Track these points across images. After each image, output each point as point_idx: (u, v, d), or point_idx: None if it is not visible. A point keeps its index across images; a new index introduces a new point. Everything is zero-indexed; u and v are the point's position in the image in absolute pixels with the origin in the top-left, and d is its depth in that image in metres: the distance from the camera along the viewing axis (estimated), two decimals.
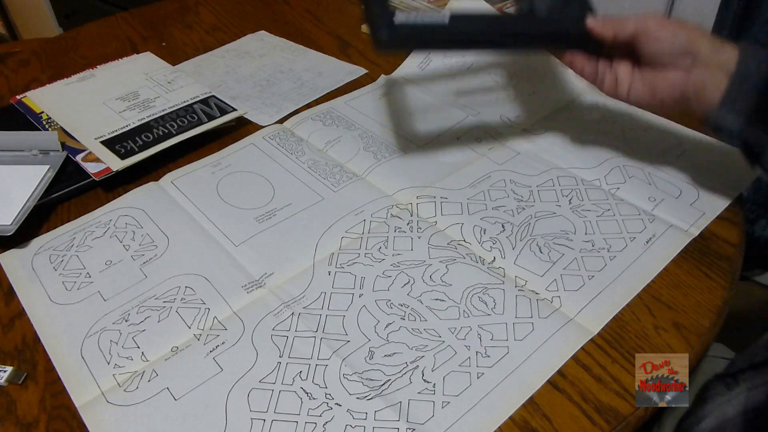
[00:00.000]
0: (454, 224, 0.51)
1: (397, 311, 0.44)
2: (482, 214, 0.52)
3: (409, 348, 0.41)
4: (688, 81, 0.45)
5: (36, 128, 0.64)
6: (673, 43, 0.45)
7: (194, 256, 0.49)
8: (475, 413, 0.37)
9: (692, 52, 0.44)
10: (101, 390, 0.40)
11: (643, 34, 0.46)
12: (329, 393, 0.39)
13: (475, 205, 0.53)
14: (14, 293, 0.47)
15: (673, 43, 0.45)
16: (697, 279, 0.46)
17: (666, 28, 0.45)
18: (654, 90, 0.46)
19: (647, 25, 0.46)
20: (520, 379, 0.39)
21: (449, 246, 0.49)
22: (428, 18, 0.46)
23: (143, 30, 0.89)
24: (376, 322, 0.43)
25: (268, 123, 0.66)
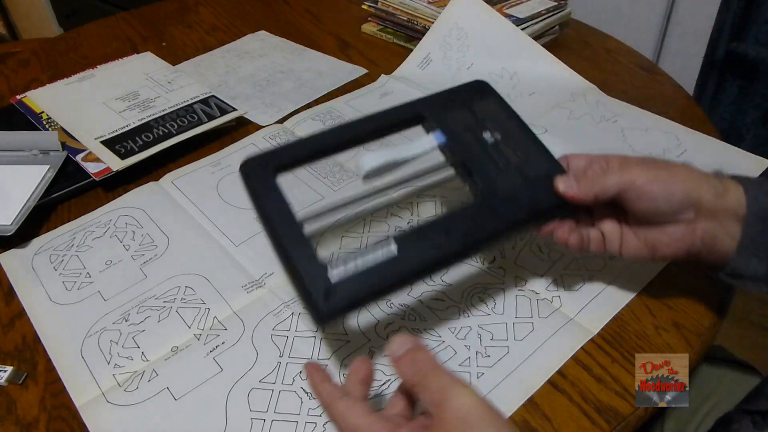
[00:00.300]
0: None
1: (397, 311, 0.44)
2: None
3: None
4: (694, 235, 0.38)
5: (36, 128, 0.64)
6: (669, 200, 0.37)
7: (194, 256, 0.49)
8: None
9: (693, 204, 0.37)
10: (101, 390, 0.40)
11: (631, 191, 0.37)
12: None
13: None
14: (14, 293, 0.47)
15: (669, 199, 0.37)
16: (697, 279, 0.46)
17: (657, 181, 0.37)
18: (653, 248, 0.39)
19: (634, 182, 0.37)
20: (520, 379, 0.39)
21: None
22: (372, 258, 0.35)
23: (143, 30, 0.89)
24: (376, 322, 0.43)
25: (268, 123, 0.66)
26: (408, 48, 0.79)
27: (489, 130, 0.43)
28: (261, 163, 0.39)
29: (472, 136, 0.42)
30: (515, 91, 0.69)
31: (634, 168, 0.38)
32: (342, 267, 0.34)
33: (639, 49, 0.80)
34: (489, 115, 0.44)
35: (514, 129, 0.44)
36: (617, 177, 0.38)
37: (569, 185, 0.39)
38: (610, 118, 0.64)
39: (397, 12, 0.82)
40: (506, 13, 0.77)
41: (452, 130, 0.42)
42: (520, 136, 0.43)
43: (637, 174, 0.37)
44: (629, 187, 0.37)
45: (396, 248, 0.35)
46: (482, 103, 0.44)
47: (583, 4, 0.91)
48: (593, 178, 0.39)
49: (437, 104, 0.44)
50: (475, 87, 0.46)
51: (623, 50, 0.80)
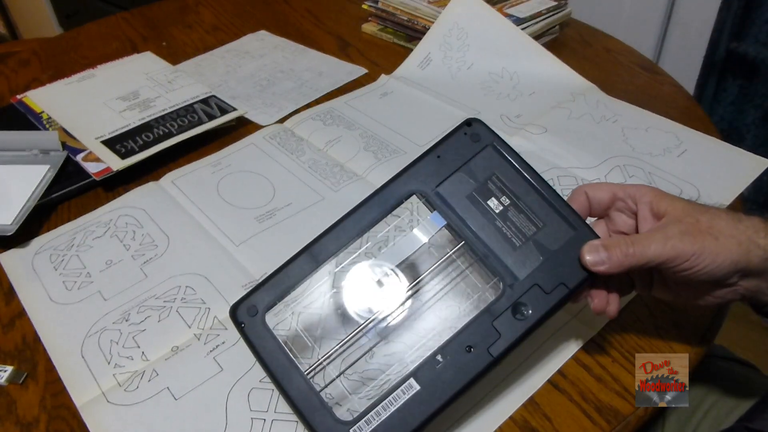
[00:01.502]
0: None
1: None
2: None
3: (410, 348, 0.41)
4: (736, 293, 0.35)
5: (36, 128, 0.64)
6: (715, 273, 0.33)
7: (195, 256, 0.49)
8: (476, 413, 0.37)
9: (740, 271, 0.33)
10: (101, 390, 0.40)
11: (675, 260, 0.32)
12: (330, 393, 0.39)
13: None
14: (14, 293, 0.47)
15: (714, 272, 0.33)
16: None
17: (704, 254, 0.32)
18: (688, 298, 0.36)
19: (678, 256, 0.32)
20: (520, 379, 0.39)
21: (450, 244, 0.49)
22: (394, 404, 0.32)
23: (143, 30, 0.89)
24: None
25: (268, 123, 0.66)
26: (408, 48, 0.79)
27: (495, 196, 0.36)
28: (249, 308, 0.36)
29: (476, 209, 0.36)
30: (515, 91, 0.69)
31: (677, 238, 0.33)
32: (365, 426, 0.32)
33: (639, 48, 0.80)
34: (491, 171, 0.36)
35: (523, 184, 0.36)
36: (659, 248, 0.32)
37: (599, 258, 0.33)
38: (610, 118, 0.64)
39: (397, 12, 0.82)
40: (506, 12, 0.77)
41: (450, 207, 0.36)
42: (531, 192, 0.36)
43: (682, 247, 0.32)
44: (673, 258, 0.32)
45: (417, 383, 0.33)
46: (481, 156, 0.37)
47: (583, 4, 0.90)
48: (627, 247, 0.33)
49: (428, 173, 0.36)
50: (468, 135, 0.37)
51: (623, 50, 0.80)
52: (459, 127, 0.38)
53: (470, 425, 0.37)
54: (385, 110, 0.67)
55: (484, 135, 0.37)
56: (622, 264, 0.33)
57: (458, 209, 0.36)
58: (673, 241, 0.32)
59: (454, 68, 0.73)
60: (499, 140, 0.37)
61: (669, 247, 0.32)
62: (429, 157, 0.37)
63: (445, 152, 0.37)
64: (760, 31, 1.10)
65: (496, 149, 0.37)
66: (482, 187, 0.36)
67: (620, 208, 0.37)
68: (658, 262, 0.33)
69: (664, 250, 0.32)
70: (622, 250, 0.33)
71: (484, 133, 0.37)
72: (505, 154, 0.37)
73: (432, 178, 0.37)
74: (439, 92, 0.70)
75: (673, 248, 0.32)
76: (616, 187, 0.37)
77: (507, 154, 0.37)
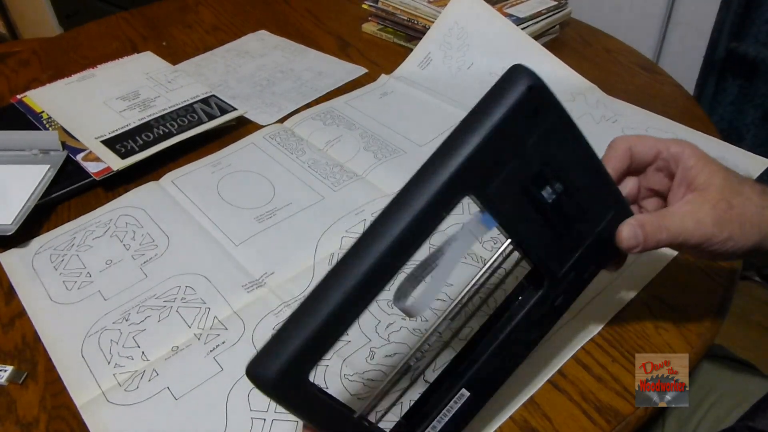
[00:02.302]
0: (455, 224, 0.51)
1: (398, 311, 0.44)
2: None
3: (410, 348, 0.41)
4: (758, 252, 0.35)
5: (36, 128, 0.64)
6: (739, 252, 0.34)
7: (194, 256, 0.49)
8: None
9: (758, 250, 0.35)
10: (102, 389, 0.40)
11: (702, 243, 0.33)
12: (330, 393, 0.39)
13: (476, 205, 0.53)
14: (14, 293, 0.47)
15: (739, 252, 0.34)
16: (697, 278, 0.46)
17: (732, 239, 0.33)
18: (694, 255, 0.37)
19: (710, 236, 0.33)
20: (520, 379, 0.39)
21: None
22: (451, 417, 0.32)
23: (143, 30, 0.89)
24: (377, 323, 0.43)
25: (268, 122, 0.66)
26: (408, 48, 0.79)
27: (549, 183, 0.30)
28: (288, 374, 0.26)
29: (528, 203, 0.30)
30: None
31: (709, 223, 0.33)
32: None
33: (639, 48, 0.80)
34: (548, 154, 0.30)
35: (578, 165, 0.31)
36: (690, 231, 0.33)
37: (635, 242, 0.33)
38: (610, 118, 0.64)
39: (397, 11, 0.82)
40: (506, 12, 0.77)
41: (503, 203, 0.30)
42: (583, 173, 0.32)
43: (711, 233, 0.33)
44: (699, 243, 0.33)
45: (467, 391, 0.32)
46: (540, 135, 0.29)
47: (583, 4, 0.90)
48: (660, 230, 0.33)
49: (482, 164, 0.28)
50: (528, 109, 0.29)
51: (623, 50, 0.80)
52: (515, 94, 0.28)
53: (470, 425, 0.37)
54: (385, 110, 0.67)
55: (546, 108, 0.30)
56: (655, 245, 0.33)
57: (510, 205, 0.30)
58: (705, 227, 0.33)
59: (455, 68, 0.73)
60: (563, 114, 0.30)
61: (700, 233, 0.33)
62: (479, 141, 0.27)
63: (499, 134, 0.28)
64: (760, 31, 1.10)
65: (558, 125, 0.30)
66: (537, 175, 0.30)
67: (660, 167, 0.36)
68: (687, 244, 0.33)
69: (695, 233, 0.33)
70: (656, 232, 0.33)
71: (547, 106, 0.30)
72: (567, 131, 0.30)
73: (485, 171, 0.28)
74: (439, 92, 0.70)
75: (703, 234, 0.33)
76: (660, 145, 0.35)
77: (569, 132, 0.31)
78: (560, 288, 0.33)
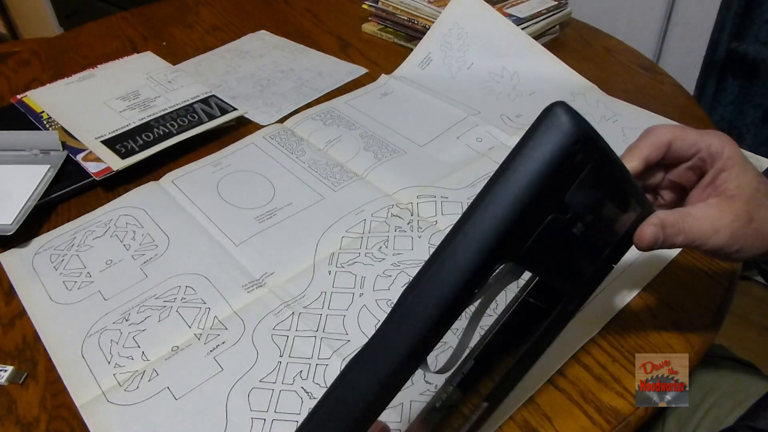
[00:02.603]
0: None
1: None
2: None
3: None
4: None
5: (36, 128, 0.64)
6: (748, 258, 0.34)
7: (195, 256, 0.49)
8: None
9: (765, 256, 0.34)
10: (102, 389, 0.40)
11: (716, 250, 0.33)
12: None
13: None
14: (15, 293, 0.47)
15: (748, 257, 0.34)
16: (697, 278, 0.46)
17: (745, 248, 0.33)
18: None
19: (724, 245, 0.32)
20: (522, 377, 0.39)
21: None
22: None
23: (144, 30, 0.89)
24: (376, 322, 0.43)
25: (268, 122, 0.66)
26: (408, 48, 0.79)
27: (580, 219, 0.28)
28: None
29: (558, 243, 0.28)
30: (515, 91, 0.69)
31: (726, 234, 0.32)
32: None
33: (639, 48, 0.80)
34: (586, 193, 0.27)
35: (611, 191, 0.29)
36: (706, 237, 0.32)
37: (655, 241, 0.31)
38: (610, 118, 0.64)
39: (397, 11, 0.82)
40: (507, 12, 0.77)
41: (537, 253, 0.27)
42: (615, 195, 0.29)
43: (726, 243, 0.32)
44: (713, 249, 0.32)
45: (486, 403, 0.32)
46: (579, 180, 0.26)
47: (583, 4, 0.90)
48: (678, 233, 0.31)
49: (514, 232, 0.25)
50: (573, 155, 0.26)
51: (623, 50, 0.80)
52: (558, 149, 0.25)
53: None
54: (385, 110, 0.67)
55: (590, 154, 0.26)
56: (669, 246, 0.32)
57: (544, 254, 0.27)
58: (720, 238, 0.32)
59: (455, 68, 0.73)
60: (606, 154, 0.27)
61: (714, 242, 0.32)
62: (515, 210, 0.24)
63: (537, 198, 0.25)
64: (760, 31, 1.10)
65: (599, 165, 0.27)
66: (571, 218, 0.27)
67: (693, 165, 0.34)
68: (699, 249, 0.33)
69: (708, 242, 0.32)
70: (674, 235, 0.31)
71: (591, 152, 0.26)
72: (606, 166, 0.27)
73: (522, 235, 0.26)
74: (439, 92, 0.70)
75: (718, 242, 0.32)
76: (701, 143, 0.33)
77: (607, 166, 0.28)
78: (577, 296, 0.32)
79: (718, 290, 0.45)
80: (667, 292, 0.45)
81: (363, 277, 0.46)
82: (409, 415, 0.37)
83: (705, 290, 0.45)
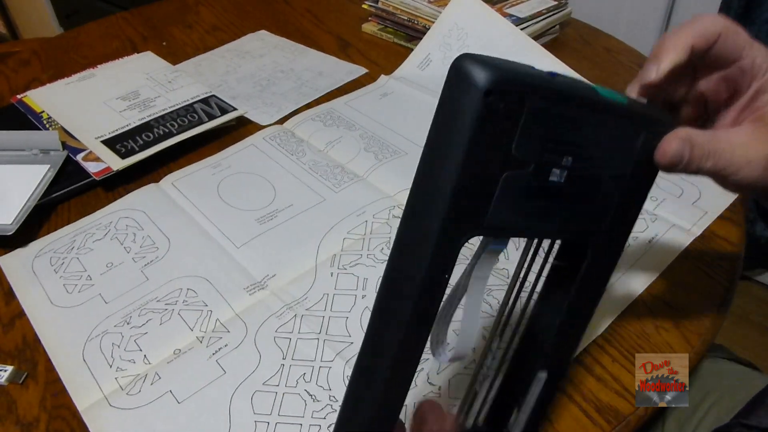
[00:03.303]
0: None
1: None
2: None
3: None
4: None
5: (36, 128, 0.64)
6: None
7: (196, 258, 0.49)
8: None
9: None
10: (104, 393, 0.40)
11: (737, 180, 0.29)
12: (333, 395, 0.39)
13: None
14: (15, 295, 0.47)
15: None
16: (697, 278, 0.46)
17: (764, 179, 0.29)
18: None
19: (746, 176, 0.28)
20: None
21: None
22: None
23: (144, 30, 0.88)
24: None
25: (268, 122, 0.66)
26: (408, 48, 0.79)
27: (555, 164, 0.25)
28: None
29: (537, 193, 0.25)
30: None
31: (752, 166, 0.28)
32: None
33: (639, 48, 0.80)
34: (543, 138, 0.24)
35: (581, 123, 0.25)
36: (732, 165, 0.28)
37: (680, 156, 0.27)
38: None
39: (397, 12, 0.82)
40: (506, 12, 0.77)
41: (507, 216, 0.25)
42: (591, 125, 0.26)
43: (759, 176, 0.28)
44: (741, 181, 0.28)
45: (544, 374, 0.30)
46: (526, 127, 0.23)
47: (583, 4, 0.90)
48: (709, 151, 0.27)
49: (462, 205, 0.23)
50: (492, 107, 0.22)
51: (623, 50, 0.80)
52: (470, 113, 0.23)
53: None
54: (385, 111, 0.67)
55: (520, 97, 0.23)
56: (693, 171, 0.28)
57: (518, 214, 0.25)
58: (753, 170, 0.28)
59: None
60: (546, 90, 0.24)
61: (745, 173, 0.28)
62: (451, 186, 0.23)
63: (471, 163, 0.23)
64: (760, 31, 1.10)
65: (545, 103, 0.24)
66: (538, 167, 0.24)
67: (729, 76, 0.30)
68: (726, 180, 0.29)
69: (739, 172, 0.28)
70: (703, 157, 0.27)
71: (520, 95, 0.23)
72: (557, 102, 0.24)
73: (474, 204, 0.24)
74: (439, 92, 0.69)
75: (750, 174, 0.28)
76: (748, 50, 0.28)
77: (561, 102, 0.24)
78: (607, 240, 0.29)
79: (718, 290, 0.45)
80: (667, 292, 0.45)
81: (365, 279, 0.47)
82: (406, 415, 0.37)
83: (705, 290, 0.45)
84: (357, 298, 0.45)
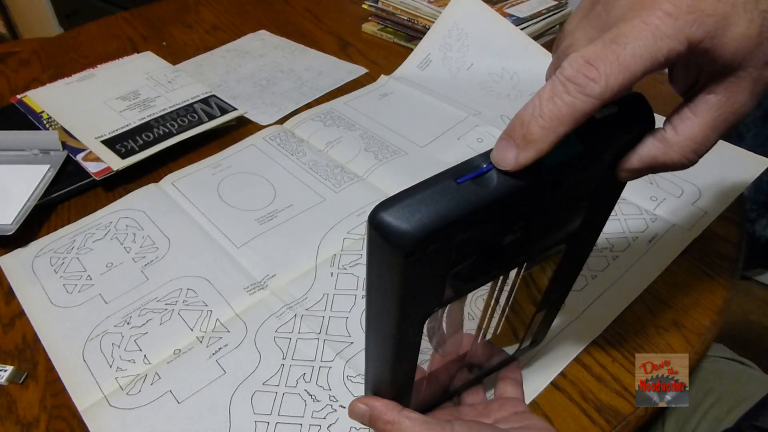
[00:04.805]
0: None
1: None
2: None
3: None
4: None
5: (36, 128, 0.64)
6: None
7: (196, 258, 0.49)
8: None
9: None
10: (104, 393, 0.40)
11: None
12: (333, 395, 0.39)
13: None
14: (15, 295, 0.47)
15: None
16: (697, 278, 0.46)
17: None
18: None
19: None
20: (524, 380, 0.39)
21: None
22: None
23: (144, 29, 0.88)
24: None
25: (268, 122, 0.66)
26: (408, 48, 0.79)
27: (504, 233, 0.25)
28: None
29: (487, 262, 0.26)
30: (515, 91, 0.69)
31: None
32: None
33: None
34: (480, 235, 0.24)
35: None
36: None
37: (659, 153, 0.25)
38: None
39: (397, 12, 0.82)
40: (506, 12, 0.77)
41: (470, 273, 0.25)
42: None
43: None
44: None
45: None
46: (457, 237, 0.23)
47: None
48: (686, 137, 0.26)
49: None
50: (415, 262, 0.22)
51: None
52: (399, 268, 0.22)
53: None
54: (385, 111, 0.67)
55: (443, 237, 0.22)
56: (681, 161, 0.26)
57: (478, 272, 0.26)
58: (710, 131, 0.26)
59: (454, 68, 0.73)
60: (460, 222, 0.22)
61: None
62: (400, 315, 0.24)
63: (413, 290, 0.24)
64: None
65: (468, 233, 0.23)
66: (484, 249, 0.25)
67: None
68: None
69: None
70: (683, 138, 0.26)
71: (442, 237, 0.22)
72: (481, 220, 0.23)
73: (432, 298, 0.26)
74: (439, 92, 0.70)
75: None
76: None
77: (484, 220, 0.23)
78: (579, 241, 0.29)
79: (718, 290, 0.45)
80: (667, 292, 0.45)
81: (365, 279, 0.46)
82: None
83: (705, 290, 0.45)
84: (357, 298, 0.45)
